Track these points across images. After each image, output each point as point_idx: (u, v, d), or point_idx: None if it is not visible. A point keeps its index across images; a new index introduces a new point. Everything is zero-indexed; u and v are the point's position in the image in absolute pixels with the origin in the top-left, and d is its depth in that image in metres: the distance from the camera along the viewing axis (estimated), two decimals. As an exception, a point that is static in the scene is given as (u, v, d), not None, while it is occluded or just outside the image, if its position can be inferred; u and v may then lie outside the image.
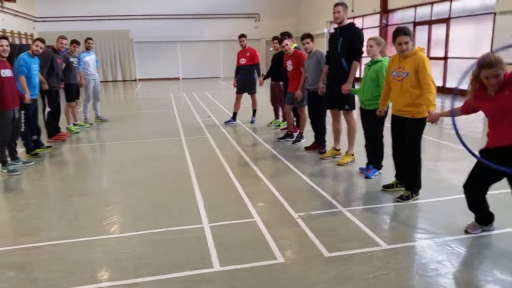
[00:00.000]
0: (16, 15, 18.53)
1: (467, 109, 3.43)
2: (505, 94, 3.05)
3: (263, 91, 10.21)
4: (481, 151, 3.32)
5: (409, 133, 4.20)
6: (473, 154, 3.18)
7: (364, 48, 5.16)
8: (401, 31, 4.09)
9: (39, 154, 6.56)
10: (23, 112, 6.27)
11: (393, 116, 4.37)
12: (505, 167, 3.04)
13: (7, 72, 5.51)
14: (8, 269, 3.15)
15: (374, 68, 4.84)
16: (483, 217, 3.49)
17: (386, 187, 4.60)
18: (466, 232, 3.53)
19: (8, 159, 5.77)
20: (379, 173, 5.10)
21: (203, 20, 23.87)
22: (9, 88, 5.53)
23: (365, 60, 5.12)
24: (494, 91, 3.10)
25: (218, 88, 18.11)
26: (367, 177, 5.02)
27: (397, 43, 4.10)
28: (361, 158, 5.47)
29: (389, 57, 4.52)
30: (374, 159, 5.10)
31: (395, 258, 3.15)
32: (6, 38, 5.67)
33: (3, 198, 4.85)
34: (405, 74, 4.09)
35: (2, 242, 3.61)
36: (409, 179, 4.33)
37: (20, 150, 6.35)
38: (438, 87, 4.10)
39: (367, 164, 5.18)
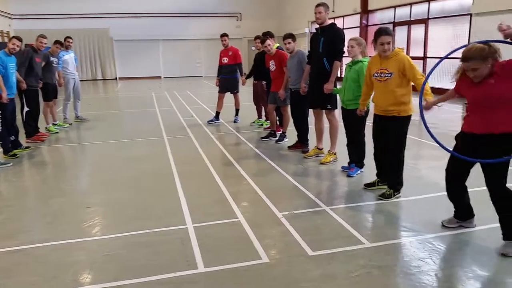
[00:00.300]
0: (-9, 12, 18.06)
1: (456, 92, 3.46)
2: (489, 83, 3.03)
3: (246, 90, 10.19)
4: (457, 136, 3.38)
5: (394, 132, 4.22)
6: (444, 148, 3.29)
7: (345, 49, 5.20)
8: (383, 31, 4.12)
9: (18, 155, 6.40)
10: (0, 112, 6.11)
11: (375, 116, 4.41)
12: (479, 159, 3.13)
13: None
14: (-14, 274, 3.07)
15: (355, 68, 4.89)
16: (462, 209, 3.56)
17: (368, 186, 4.65)
18: (442, 225, 3.62)
19: None
20: (361, 172, 5.16)
21: (184, 19, 23.71)
22: None
23: (346, 60, 5.17)
24: (478, 80, 3.08)
25: (201, 87, 18.02)
26: (349, 176, 5.08)
27: (379, 43, 4.12)
28: (343, 157, 5.53)
29: (370, 57, 4.56)
30: (356, 158, 5.15)
31: (378, 256, 3.19)
32: None
33: (-21, 200, 4.72)
34: (389, 75, 4.11)
35: (-21, 246, 3.52)
36: (391, 177, 4.38)
37: (-3, 151, 6.20)
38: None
39: (349, 163, 5.24)
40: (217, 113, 9.02)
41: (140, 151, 6.73)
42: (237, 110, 9.09)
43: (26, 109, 7.23)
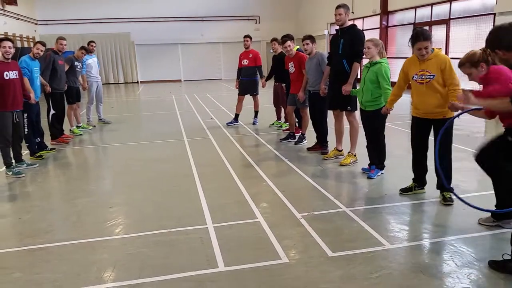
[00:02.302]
0: (18, 18, 18.60)
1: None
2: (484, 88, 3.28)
3: (265, 92, 10.23)
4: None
5: (444, 134, 3.96)
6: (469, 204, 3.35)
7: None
8: (420, 36, 3.89)
9: (43, 156, 6.59)
10: (26, 114, 6.30)
11: (415, 119, 4.22)
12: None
13: (11, 74, 5.50)
14: (14, 270, 3.18)
15: (373, 70, 4.85)
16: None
17: (404, 191, 4.44)
18: (478, 223, 3.61)
19: (13, 161, 5.78)
20: (381, 173, 5.12)
21: (203, 22, 23.94)
22: (12, 90, 5.50)
23: (365, 61, 5.14)
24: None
25: (220, 90, 18.14)
26: (369, 178, 5.04)
27: (416, 48, 3.93)
28: (363, 158, 5.49)
29: (388, 58, 4.50)
30: (376, 160, 5.11)
31: (398, 258, 3.17)
32: (10, 39, 5.63)
33: (8, 200, 4.88)
34: (431, 77, 3.94)
35: (8, 243, 3.65)
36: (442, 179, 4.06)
37: (24, 152, 6.38)
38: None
39: (369, 165, 5.20)
40: (236, 115, 9.08)
41: (161, 153, 6.83)
42: (256, 112, 9.12)
43: (52, 111, 7.44)
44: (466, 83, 4.05)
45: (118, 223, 4.03)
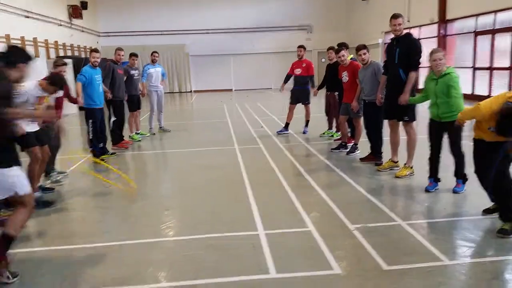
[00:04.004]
0: (83, 31, 19.84)
1: None
2: None
3: (316, 102, 10.18)
4: None
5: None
6: None
7: (432, 62, 4.65)
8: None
9: (105, 160, 6.95)
10: (91, 120, 6.69)
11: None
12: None
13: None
14: (81, 265, 3.39)
15: (443, 81, 4.57)
16: None
17: (487, 212, 4.08)
18: None
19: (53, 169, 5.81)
20: (438, 187, 4.89)
21: (255, 33, 24.28)
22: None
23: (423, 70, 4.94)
24: None
25: (270, 99, 18.27)
26: (427, 191, 4.85)
27: None
28: (420, 172, 5.30)
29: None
30: (434, 172, 4.90)
31: (457, 275, 3.04)
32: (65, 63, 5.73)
33: (74, 201, 5.19)
34: None
35: (74, 241, 3.89)
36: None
37: (88, 155, 6.76)
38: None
39: (429, 177, 4.96)
40: (287, 124, 9.10)
41: (213, 160, 6.98)
42: (307, 122, 9.09)
43: (113, 118, 7.85)
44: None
45: (173, 226, 4.17)
